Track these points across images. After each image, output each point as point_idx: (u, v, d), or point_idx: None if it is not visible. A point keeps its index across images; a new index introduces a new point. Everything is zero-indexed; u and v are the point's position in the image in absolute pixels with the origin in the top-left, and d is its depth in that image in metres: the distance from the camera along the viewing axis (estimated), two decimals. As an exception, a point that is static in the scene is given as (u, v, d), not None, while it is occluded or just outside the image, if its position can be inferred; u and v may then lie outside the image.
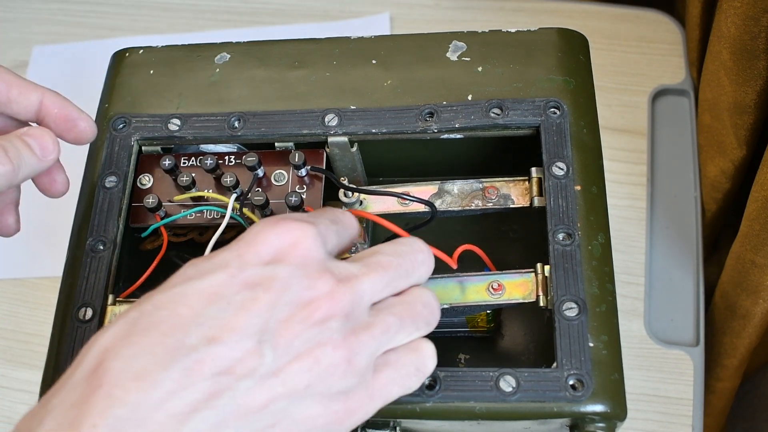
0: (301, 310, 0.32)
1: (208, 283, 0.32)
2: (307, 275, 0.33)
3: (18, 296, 0.66)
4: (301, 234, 0.33)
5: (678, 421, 0.58)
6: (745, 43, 0.52)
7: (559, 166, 0.43)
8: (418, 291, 0.37)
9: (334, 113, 0.46)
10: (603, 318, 0.40)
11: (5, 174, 0.38)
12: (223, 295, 0.32)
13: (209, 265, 0.32)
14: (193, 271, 0.33)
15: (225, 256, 0.33)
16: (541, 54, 0.47)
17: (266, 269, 0.32)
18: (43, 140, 0.40)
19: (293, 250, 0.33)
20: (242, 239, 0.33)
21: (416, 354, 0.36)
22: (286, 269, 0.32)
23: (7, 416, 0.62)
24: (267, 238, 0.33)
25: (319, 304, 0.32)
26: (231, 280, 0.32)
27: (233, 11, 0.78)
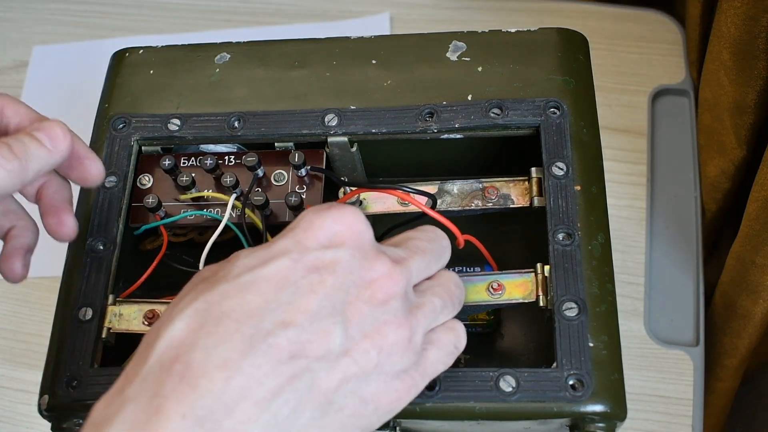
0: (364, 290, 0.33)
1: (273, 269, 0.32)
2: (365, 257, 0.34)
3: (18, 296, 0.66)
4: (353, 218, 0.34)
5: (678, 421, 0.58)
6: (745, 43, 0.52)
7: (559, 166, 0.43)
8: (448, 273, 0.38)
9: (334, 113, 0.46)
10: (603, 318, 0.40)
11: (13, 170, 0.37)
12: (290, 279, 0.32)
13: (270, 252, 0.33)
14: (253, 260, 0.33)
15: (284, 243, 0.33)
16: (541, 54, 0.47)
17: (327, 253, 0.33)
18: (51, 131, 0.39)
19: (349, 234, 0.34)
20: (297, 227, 0.34)
21: (454, 333, 0.37)
22: (346, 252, 0.33)
23: (7, 416, 0.62)
24: (323, 224, 0.34)
25: (381, 284, 0.33)
26: (295, 265, 0.32)
27: (233, 11, 0.78)
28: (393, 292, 0.34)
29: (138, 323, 0.43)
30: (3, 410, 0.63)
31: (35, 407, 0.41)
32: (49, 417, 0.41)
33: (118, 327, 0.43)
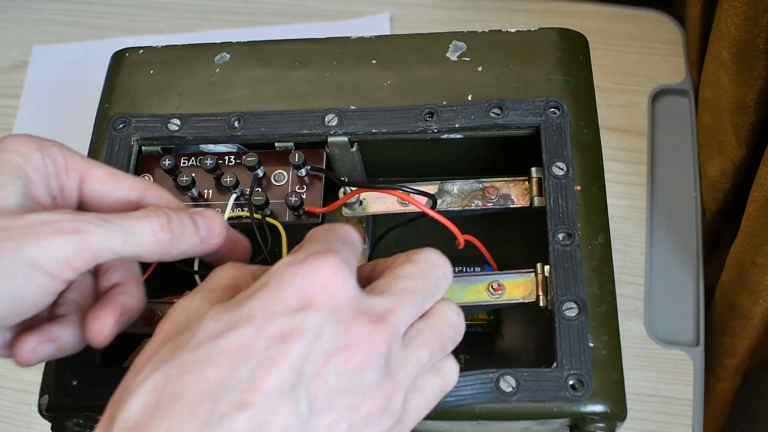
0: (336, 358, 0.30)
1: (234, 339, 0.30)
2: (340, 320, 0.31)
3: (18, 296, 0.66)
4: (329, 273, 0.31)
5: (678, 421, 0.58)
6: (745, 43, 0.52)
7: (559, 166, 0.43)
8: (443, 310, 0.35)
9: (334, 113, 0.46)
10: (603, 318, 0.40)
11: (162, 242, 0.36)
12: (252, 351, 0.29)
13: (235, 316, 0.30)
14: (217, 325, 0.30)
15: (250, 307, 0.30)
16: (541, 54, 0.47)
17: (296, 318, 0.30)
18: (211, 222, 0.38)
19: (322, 293, 0.31)
20: (266, 285, 0.31)
21: (441, 376, 0.35)
22: (317, 316, 0.30)
23: (7, 416, 0.62)
24: (293, 283, 0.31)
25: (355, 350, 0.31)
26: (258, 334, 0.30)
27: (233, 11, 0.78)
28: (370, 359, 0.31)
29: (138, 323, 0.43)
30: (3, 410, 0.63)
31: (35, 407, 0.41)
32: (49, 417, 0.41)
33: (118, 327, 0.43)
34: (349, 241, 0.34)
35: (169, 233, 0.36)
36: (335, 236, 0.34)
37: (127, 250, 0.35)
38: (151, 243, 0.36)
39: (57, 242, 0.33)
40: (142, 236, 0.35)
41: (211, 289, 0.34)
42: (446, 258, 0.36)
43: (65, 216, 0.34)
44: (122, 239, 0.35)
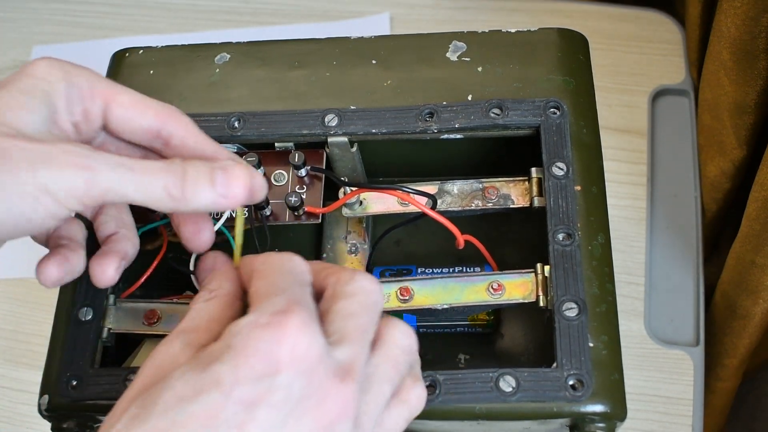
0: (307, 420, 0.30)
1: (202, 405, 0.29)
2: (309, 380, 0.30)
3: (18, 296, 0.66)
4: (296, 335, 0.30)
5: (678, 421, 0.58)
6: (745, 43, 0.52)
7: (559, 166, 0.43)
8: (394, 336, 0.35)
9: (334, 113, 0.46)
10: (603, 318, 0.40)
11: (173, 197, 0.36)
12: (220, 418, 0.29)
13: (202, 381, 0.30)
14: (185, 388, 0.30)
15: (218, 371, 0.30)
16: (541, 54, 0.47)
17: (263, 383, 0.30)
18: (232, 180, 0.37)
19: (291, 356, 0.30)
20: (232, 347, 0.30)
21: (407, 407, 0.35)
22: (286, 378, 0.30)
23: (7, 416, 0.62)
24: (259, 348, 0.30)
25: (327, 410, 0.31)
26: (226, 401, 0.29)
27: (233, 11, 0.78)
28: (341, 416, 0.31)
29: (138, 323, 0.43)
30: (3, 410, 0.63)
31: (35, 407, 0.41)
32: (49, 417, 0.41)
33: (118, 327, 0.43)
34: (302, 279, 0.34)
35: (181, 191, 0.36)
36: (290, 278, 0.34)
37: (138, 197, 0.35)
38: (162, 197, 0.36)
39: (68, 174, 0.34)
40: (153, 188, 0.35)
41: (193, 330, 0.34)
42: (375, 279, 0.36)
43: (83, 151, 0.35)
44: (133, 187, 0.35)
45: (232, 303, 0.35)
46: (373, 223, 0.53)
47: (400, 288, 0.44)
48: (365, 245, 0.50)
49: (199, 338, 0.33)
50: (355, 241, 0.51)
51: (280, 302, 0.31)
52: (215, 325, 0.34)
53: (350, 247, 0.50)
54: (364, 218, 0.51)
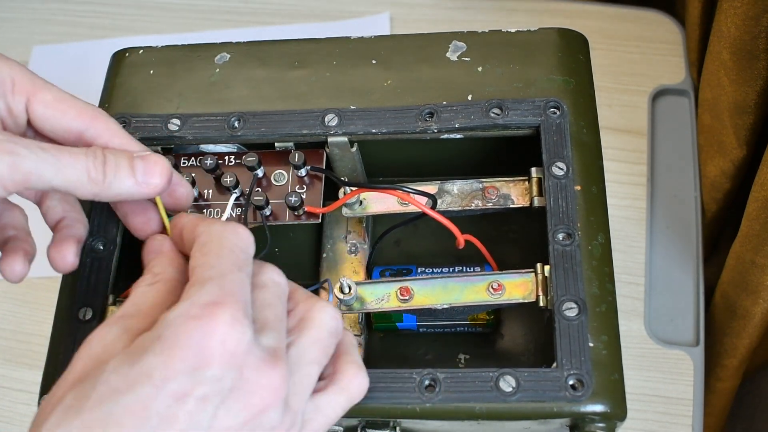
0: (238, 409, 0.31)
1: (134, 398, 0.30)
2: (239, 372, 0.31)
3: (18, 296, 0.66)
4: (226, 329, 0.31)
5: (678, 421, 0.58)
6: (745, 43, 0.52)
7: (559, 166, 0.43)
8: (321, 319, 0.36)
9: (334, 113, 0.46)
10: (603, 318, 0.40)
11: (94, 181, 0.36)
12: (152, 409, 0.30)
13: (134, 373, 0.30)
14: (118, 380, 0.30)
15: (149, 363, 0.30)
16: (541, 54, 0.47)
17: (194, 375, 0.30)
18: (151, 167, 0.38)
19: (221, 349, 0.31)
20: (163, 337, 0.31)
21: (346, 395, 0.36)
22: (216, 371, 0.31)
23: (7, 416, 0.62)
24: (190, 341, 0.30)
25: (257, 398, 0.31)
26: (158, 393, 0.30)
27: (233, 11, 0.78)
28: (271, 402, 0.32)
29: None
30: (3, 410, 0.63)
31: (35, 407, 0.41)
32: (49, 417, 0.41)
33: (118, 327, 0.43)
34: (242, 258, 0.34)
35: (102, 174, 0.37)
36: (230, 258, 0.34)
37: (59, 181, 0.36)
38: (83, 180, 0.36)
39: None
40: (74, 171, 0.36)
41: (133, 315, 0.34)
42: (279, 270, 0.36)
43: (3, 137, 0.35)
44: (54, 170, 0.35)
45: (174, 289, 0.36)
46: (373, 223, 0.53)
47: (400, 288, 0.44)
48: (365, 245, 0.50)
49: (138, 324, 0.34)
50: (355, 241, 0.51)
51: (213, 292, 0.32)
52: (156, 312, 0.34)
53: (350, 247, 0.50)
54: (364, 218, 0.51)
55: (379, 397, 0.39)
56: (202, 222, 0.36)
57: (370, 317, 0.49)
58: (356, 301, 0.44)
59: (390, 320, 0.49)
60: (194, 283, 0.33)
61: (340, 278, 0.43)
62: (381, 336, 0.51)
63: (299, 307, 0.37)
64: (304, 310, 0.36)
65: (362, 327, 0.49)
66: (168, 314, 0.32)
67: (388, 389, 0.39)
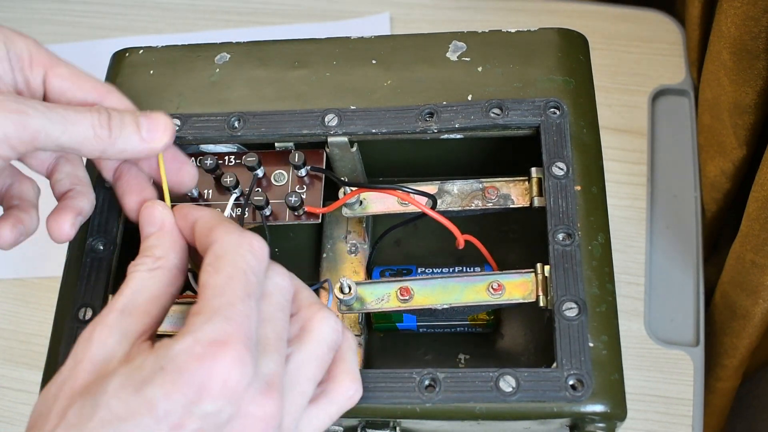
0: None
1: (134, 427, 0.30)
2: (237, 407, 0.32)
3: (18, 296, 0.66)
4: (230, 368, 0.31)
5: (678, 421, 0.58)
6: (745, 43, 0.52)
7: (559, 166, 0.43)
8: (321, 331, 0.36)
9: (334, 113, 0.46)
10: (603, 318, 0.40)
11: (100, 138, 0.37)
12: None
13: (136, 401, 0.31)
14: (119, 407, 0.31)
15: (151, 393, 0.31)
16: (541, 54, 0.47)
17: (194, 410, 0.31)
18: (154, 122, 0.38)
19: (221, 387, 0.31)
20: (166, 369, 0.31)
21: (337, 407, 0.36)
22: (215, 406, 0.31)
23: (7, 416, 0.62)
24: (192, 377, 0.31)
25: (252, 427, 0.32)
26: (158, 425, 0.31)
27: (233, 11, 0.78)
28: (266, 428, 0.32)
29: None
30: (3, 410, 0.63)
31: (35, 407, 0.41)
32: (49, 417, 0.41)
33: (118, 327, 0.43)
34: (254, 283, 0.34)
35: (108, 129, 0.37)
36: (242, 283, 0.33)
37: (66, 139, 0.36)
38: (89, 137, 0.37)
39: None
40: (80, 128, 0.37)
41: (131, 311, 0.34)
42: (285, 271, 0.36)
43: (11, 96, 0.36)
44: (61, 128, 0.36)
45: (174, 280, 0.36)
46: (373, 223, 0.53)
47: (400, 288, 0.44)
48: (365, 245, 0.50)
49: (136, 325, 0.34)
50: (355, 241, 0.51)
51: (220, 328, 0.32)
52: (154, 307, 0.35)
53: (350, 247, 0.51)
54: (364, 218, 0.51)
55: (379, 397, 0.39)
56: (220, 227, 0.36)
57: (370, 317, 0.49)
58: (356, 301, 0.44)
59: (390, 320, 0.49)
60: (201, 311, 0.33)
61: (340, 278, 0.43)
62: (381, 336, 0.51)
63: (302, 314, 0.37)
64: (306, 319, 0.36)
65: (362, 327, 0.49)
66: (173, 346, 0.32)
67: (388, 389, 0.39)
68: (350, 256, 0.50)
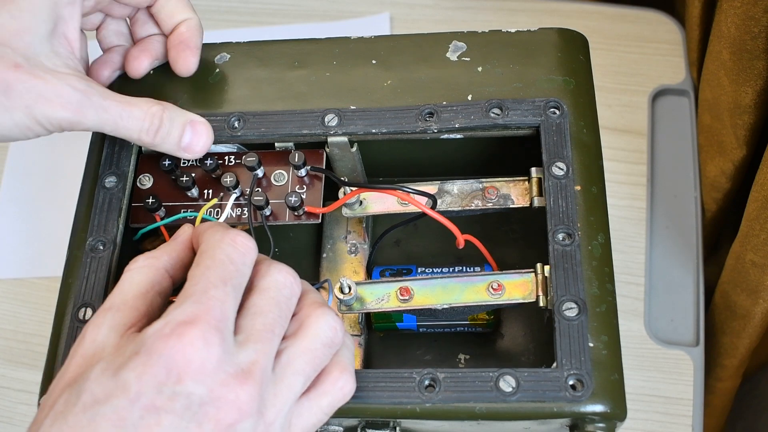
0: (207, 424, 0.32)
1: (111, 409, 0.32)
2: (209, 388, 0.32)
3: (18, 296, 0.66)
4: (194, 347, 0.32)
5: (678, 421, 0.58)
6: (745, 43, 0.52)
7: (559, 166, 0.43)
8: (317, 328, 0.36)
9: (334, 113, 0.46)
10: (603, 318, 0.40)
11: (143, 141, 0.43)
12: (128, 420, 0.31)
13: (112, 385, 0.32)
14: (99, 390, 0.32)
15: (125, 377, 0.32)
16: (541, 54, 0.47)
17: (164, 391, 0.32)
18: (197, 139, 0.44)
19: (188, 366, 0.32)
20: (139, 353, 0.32)
21: (328, 400, 0.37)
22: (187, 386, 0.32)
23: (7, 416, 0.62)
24: (160, 359, 0.32)
25: (225, 414, 0.32)
26: (132, 405, 0.31)
27: (233, 11, 0.78)
28: (240, 417, 0.33)
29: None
30: (3, 410, 0.63)
31: (35, 407, 0.41)
32: (49, 417, 0.41)
33: (118, 327, 0.43)
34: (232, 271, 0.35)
35: (153, 137, 0.43)
36: (218, 272, 0.35)
37: (114, 133, 0.43)
38: (135, 138, 0.43)
39: (60, 113, 0.41)
40: (129, 130, 0.43)
41: (119, 307, 0.35)
42: (290, 271, 0.37)
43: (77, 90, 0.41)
44: (113, 126, 0.42)
45: (161, 279, 0.37)
46: (373, 223, 0.53)
47: (400, 288, 0.44)
48: (365, 245, 0.50)
49: (124, 319, 0.35)
50: (355, 241, 0.51)
51: (188, 310, 0.33)
52: (140, 303, 0.36)
53: (350, 247, 0.51)
54: (364, 218, 0.51)
55: (379, 397, 0.39)
56: (209, 229, 0.37)
57: (370, 317, 0.49)
58: (356, 301, 0.44)
59: (390, 320, 0.49)
60: (179, 298, 0.34)
61: (340, 278, 0.43)
62: (381, 336, 0.51)
63: (302, 312, 0.37)
64: (305, 316, 0.37)
65: (362, 327, 0.49)
66: (146, 331, 0.33)
67: (388, 389, 0.39)
68: (350, 256, 0.50)
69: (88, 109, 0.41)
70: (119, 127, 0.42)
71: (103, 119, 0.42)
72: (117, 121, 0.42)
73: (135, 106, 0.42)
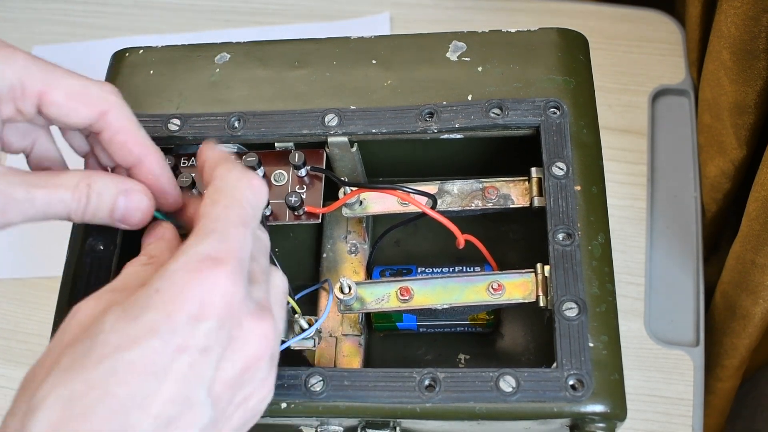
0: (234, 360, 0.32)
1: (139, 354, 0.30)
2: (235, 324, 0.32)
3: (18, 296, 0.66)
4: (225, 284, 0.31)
5: (678, 421, 0.58)
6: (745, 43, 0.52)
7: (559, 166, 0.43)
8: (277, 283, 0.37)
9: (334, 113, 0.46)
10: (603, 318, 0.40)
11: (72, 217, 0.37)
12: (158, 364, 0.30)
13: (136, 329, 0.30)
14: (118, 336, 0.30)
15: (151, 317, 0.30)
16: (541, 54, 0.47)
17: (197, 329, 0.31)
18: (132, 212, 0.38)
19: (220, 301, 0.31)
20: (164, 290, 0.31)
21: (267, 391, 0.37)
22: (215, 323, 0.31)
23: (7, 416, 0.62)
24: (192, 293, 0.31)
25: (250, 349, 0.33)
26: (164, 348, 0.30)
27: (233, 11, 0.78)
28: (262, 353, 0.33)
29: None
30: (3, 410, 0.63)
31: (35, 407, 0.41)
32: (49, 417, 0.41)
33: (118, 327, 0.43)
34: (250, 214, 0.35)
35: (81, 214, 0.37)
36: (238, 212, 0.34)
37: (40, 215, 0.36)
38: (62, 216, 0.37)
39: None
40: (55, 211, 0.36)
41: (122, 290, 0.34)
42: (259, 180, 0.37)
43: None
44: (35, 212, 0.36)
45: None
46: (373, 223, 0.53)
47: (400, 288, 0.44)
48: (365, 245, 0.50)
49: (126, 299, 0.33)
50: (355, 241, 0.51)
51: (215, 246, 0.32)
52: None
53: (350, 247, 0.50)
54: (364, 218, 0.51)
55: (379, 397, 0.39)
56: (223, 164, 0.36)
57: (370, 317, 0.49)
58: (356, 301, 0.44)
59: (390, 320, 0.49)
60: (197, 233, 0.33)
61: (340, 278, 0.43)
62: (381, 336, 0.51)
63: None
64: None
65: (362, 327, 0.49)
66: (167, 267, 0.32)
67: (388, 389, 0.39)
68: (350, 256, 0.50)
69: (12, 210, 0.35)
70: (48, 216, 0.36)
71: (29, 215, 0.36)
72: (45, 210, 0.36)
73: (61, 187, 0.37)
